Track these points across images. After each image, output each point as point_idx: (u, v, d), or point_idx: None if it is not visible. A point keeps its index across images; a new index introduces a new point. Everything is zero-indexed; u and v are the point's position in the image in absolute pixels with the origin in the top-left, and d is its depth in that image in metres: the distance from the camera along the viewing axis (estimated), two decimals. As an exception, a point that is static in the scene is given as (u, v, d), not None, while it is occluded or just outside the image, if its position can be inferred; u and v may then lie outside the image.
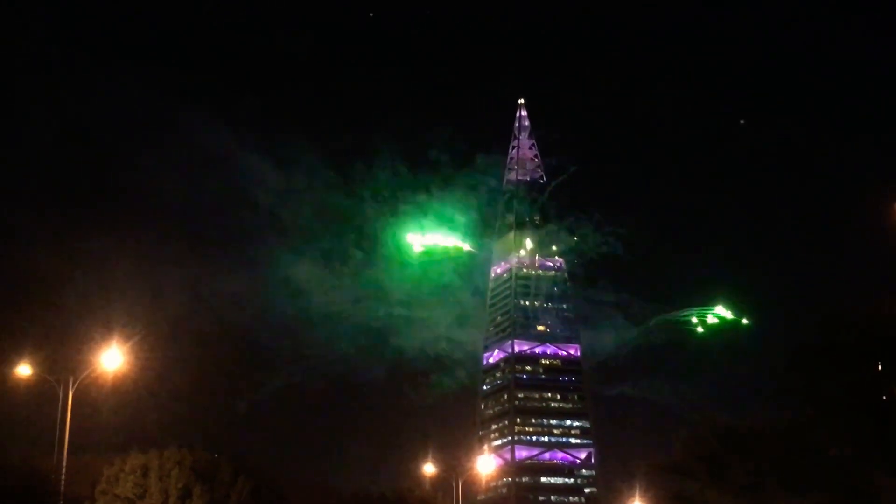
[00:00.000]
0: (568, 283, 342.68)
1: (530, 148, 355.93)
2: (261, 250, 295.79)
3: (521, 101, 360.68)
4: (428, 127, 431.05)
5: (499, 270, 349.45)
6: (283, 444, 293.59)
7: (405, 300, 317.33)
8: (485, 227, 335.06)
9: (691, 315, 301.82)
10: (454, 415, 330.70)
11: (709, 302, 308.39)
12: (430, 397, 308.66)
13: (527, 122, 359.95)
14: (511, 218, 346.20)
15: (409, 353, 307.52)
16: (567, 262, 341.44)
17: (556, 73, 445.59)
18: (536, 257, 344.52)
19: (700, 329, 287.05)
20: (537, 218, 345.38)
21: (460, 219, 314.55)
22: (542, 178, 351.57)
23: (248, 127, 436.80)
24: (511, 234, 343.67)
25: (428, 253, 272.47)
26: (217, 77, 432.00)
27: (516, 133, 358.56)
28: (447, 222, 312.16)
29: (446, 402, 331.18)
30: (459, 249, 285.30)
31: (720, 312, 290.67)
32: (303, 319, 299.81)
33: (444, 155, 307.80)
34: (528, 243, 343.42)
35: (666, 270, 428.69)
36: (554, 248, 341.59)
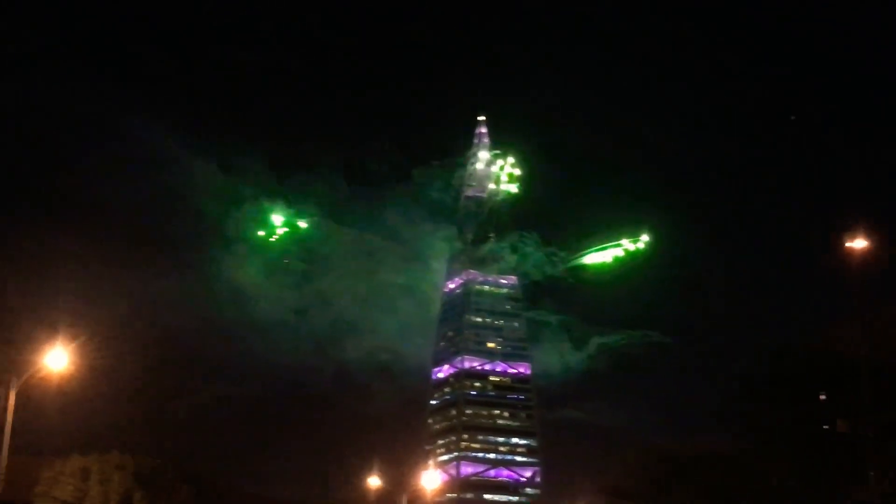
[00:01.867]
0: (520, 302, 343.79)
1: (488, 164, 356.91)
2: (204, 256, 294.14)
3: (482, 117, 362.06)
4: (372, 138, 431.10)
5: (451, 286, 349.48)
6: (228, 452, 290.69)
7: (353, 311, 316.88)
8: (437, 243, 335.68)
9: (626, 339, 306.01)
10: (401, 428, 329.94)
11: (652, 327, 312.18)
12: (377, 409, 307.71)
13: (486, 139, 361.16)
14: (465, 234, 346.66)
15: (356, 364, 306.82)
16: (520, 280, 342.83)
17: (507, 90, 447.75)
18: (489, 275, 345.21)
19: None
20: (491, 235, 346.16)
21: (404, 232, 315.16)
22: (496, 195, 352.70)
23: (192, 132, 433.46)
24: (467, 250, 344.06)
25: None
26: (160, 81, 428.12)
27: (475, 149, 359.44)
28: (390, 234, 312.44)
29: (394, 416, 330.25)
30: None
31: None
32: (246, 327, 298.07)
33: (388, 167, 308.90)
34: (481, 260, 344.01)
35: (610, 294, 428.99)
36: (507, 266, 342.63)
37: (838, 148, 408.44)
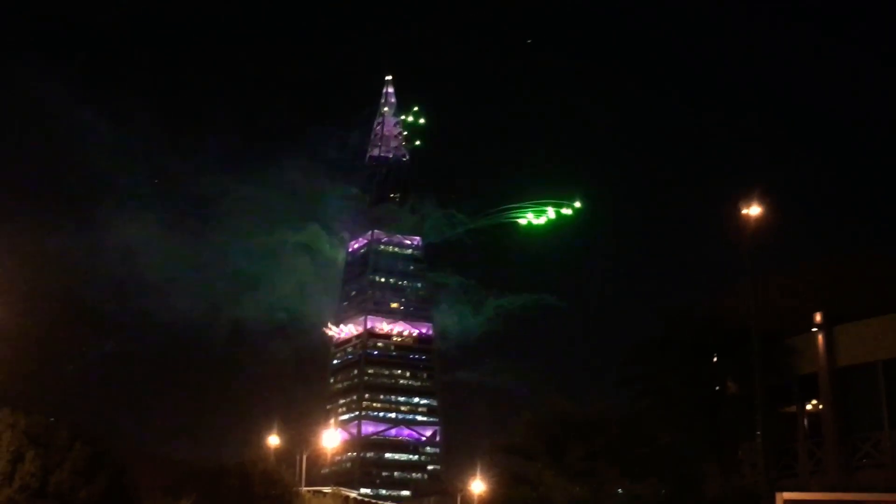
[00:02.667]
0: (423, 263, 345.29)
1: (394, 124, 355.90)
2: (93, 210, 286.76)
3: (389, 77, 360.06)
4: (268, 95, 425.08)
5: (356, 245, 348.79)
6: (124, 410, 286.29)
7: (254, 269, 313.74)
8: (342, 202, 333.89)
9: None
10: (303, 387, 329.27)
11: (552, 291, 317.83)
12: (278, 368, 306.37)
13: (393, 99, 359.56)
14: (371, 194, 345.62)
15: (258, 323, 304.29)
16: (423, 241, 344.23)
17: (415, 48, 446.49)
18: (394, 235, 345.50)
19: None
20: (397, 196, 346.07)
21: (309, 191, 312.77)
22: (403, 156, 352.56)
23: (84, 85, 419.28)
24: (370, 210, 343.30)
25: None
26: (50, 27, 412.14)
27: (382, 109, 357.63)
28: (295, 192, 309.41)
29: (295, 375, 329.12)
30: None
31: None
32: (141, 283, 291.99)
33: (285, 126, 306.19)
34: (387, 220, 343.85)
35: (512, 258, 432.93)
36: (410, 226, 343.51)
37: (740, 117, 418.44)
